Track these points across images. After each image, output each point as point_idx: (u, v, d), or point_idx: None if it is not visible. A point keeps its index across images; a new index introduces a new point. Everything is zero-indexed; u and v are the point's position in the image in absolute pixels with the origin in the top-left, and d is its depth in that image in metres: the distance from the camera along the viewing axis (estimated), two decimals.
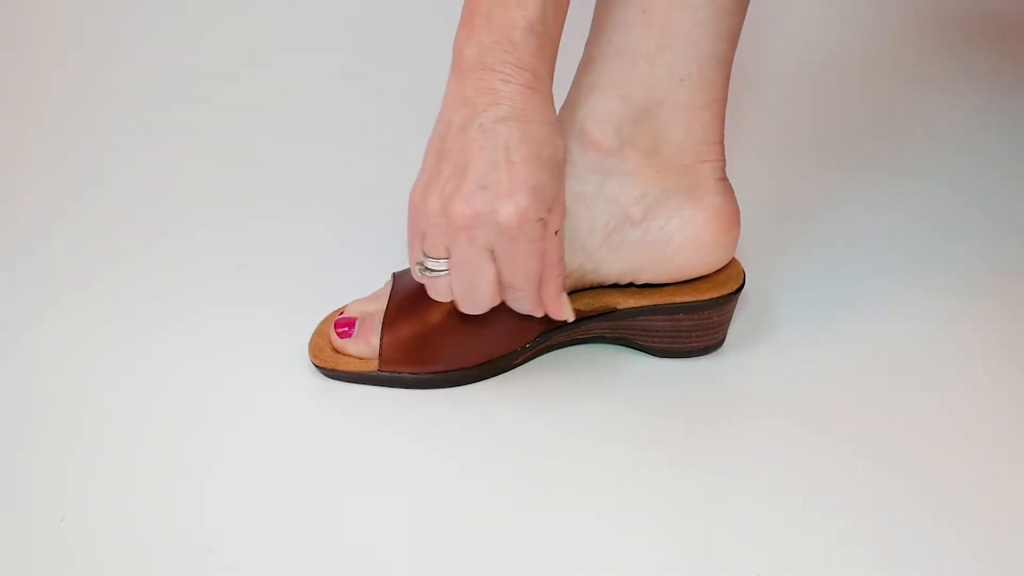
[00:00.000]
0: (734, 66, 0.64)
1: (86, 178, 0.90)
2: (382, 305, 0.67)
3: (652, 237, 0.64)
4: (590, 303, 0.66)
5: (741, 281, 0.67)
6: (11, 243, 0.82)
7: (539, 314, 0.61)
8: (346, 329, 0.66)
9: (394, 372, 0.65)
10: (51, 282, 0.77)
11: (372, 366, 0.66)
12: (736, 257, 0.69)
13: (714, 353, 0.70)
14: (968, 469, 0.61)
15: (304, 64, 1.03)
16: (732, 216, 0.66)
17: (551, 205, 0.56)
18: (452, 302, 0.61)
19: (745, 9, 0.62)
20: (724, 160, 0.65)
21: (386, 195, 0.88)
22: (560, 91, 0.69)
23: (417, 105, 0.99)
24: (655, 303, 0.66)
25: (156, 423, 0.64)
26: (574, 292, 0.66)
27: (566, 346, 0.69)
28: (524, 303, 0.60)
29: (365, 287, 0.71)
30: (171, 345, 0.71)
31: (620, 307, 0.66)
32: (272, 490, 0.60)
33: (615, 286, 0.67)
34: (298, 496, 0.59)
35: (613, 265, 0.65)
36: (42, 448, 0.63)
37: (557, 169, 0.57)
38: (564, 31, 0.56)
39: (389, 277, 0.70)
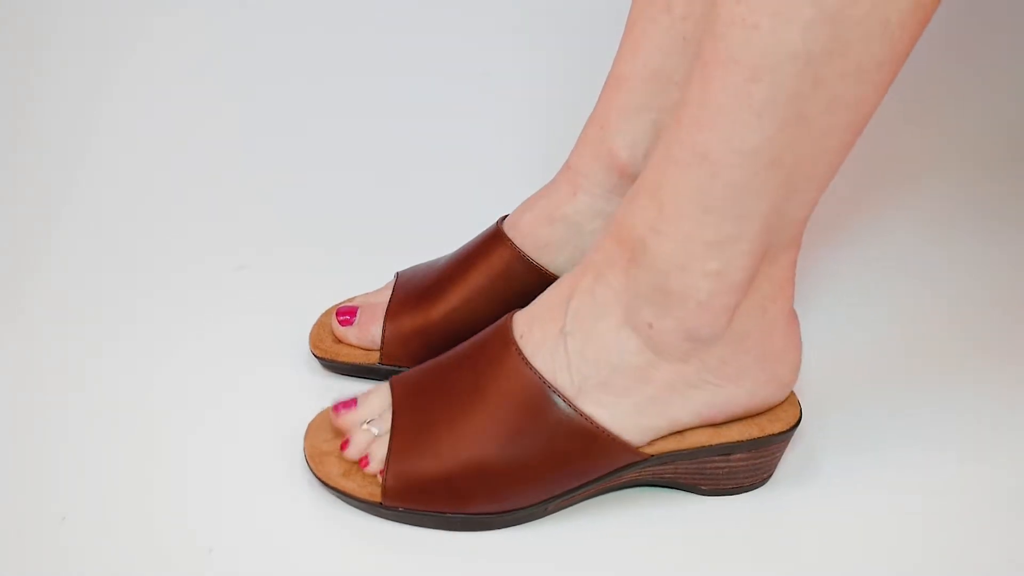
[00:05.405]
0: None
1: (85, 180, 0.90)
2: (386, 297, 0.67)
3: None
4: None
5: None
6: (11, 245, 0.82)
7: None
8: (347, 317, 0.66)
9: (394, 366, 0.65)
10: (51, 283, 0.77)
11: (372, 359, 0.65)
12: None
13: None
14: None
15: (303, 63, 1.03)
16: None
17: None
18: (455, 298, 0.63)
19: None
20: None
21: (386, 195, 0.89)
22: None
23: (417, 106, 1.01)
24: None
25: (155, 422, 0.64)
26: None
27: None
28: None
29: (365, 287, 0.71)
30: (171, 345, 0.71)
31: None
32: (272, 489, 0.59)
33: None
34: (298, 495, 0.59)
35: None
36: (42, 448, 0.62)
37: None
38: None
39: (392, 276, 0.70)
